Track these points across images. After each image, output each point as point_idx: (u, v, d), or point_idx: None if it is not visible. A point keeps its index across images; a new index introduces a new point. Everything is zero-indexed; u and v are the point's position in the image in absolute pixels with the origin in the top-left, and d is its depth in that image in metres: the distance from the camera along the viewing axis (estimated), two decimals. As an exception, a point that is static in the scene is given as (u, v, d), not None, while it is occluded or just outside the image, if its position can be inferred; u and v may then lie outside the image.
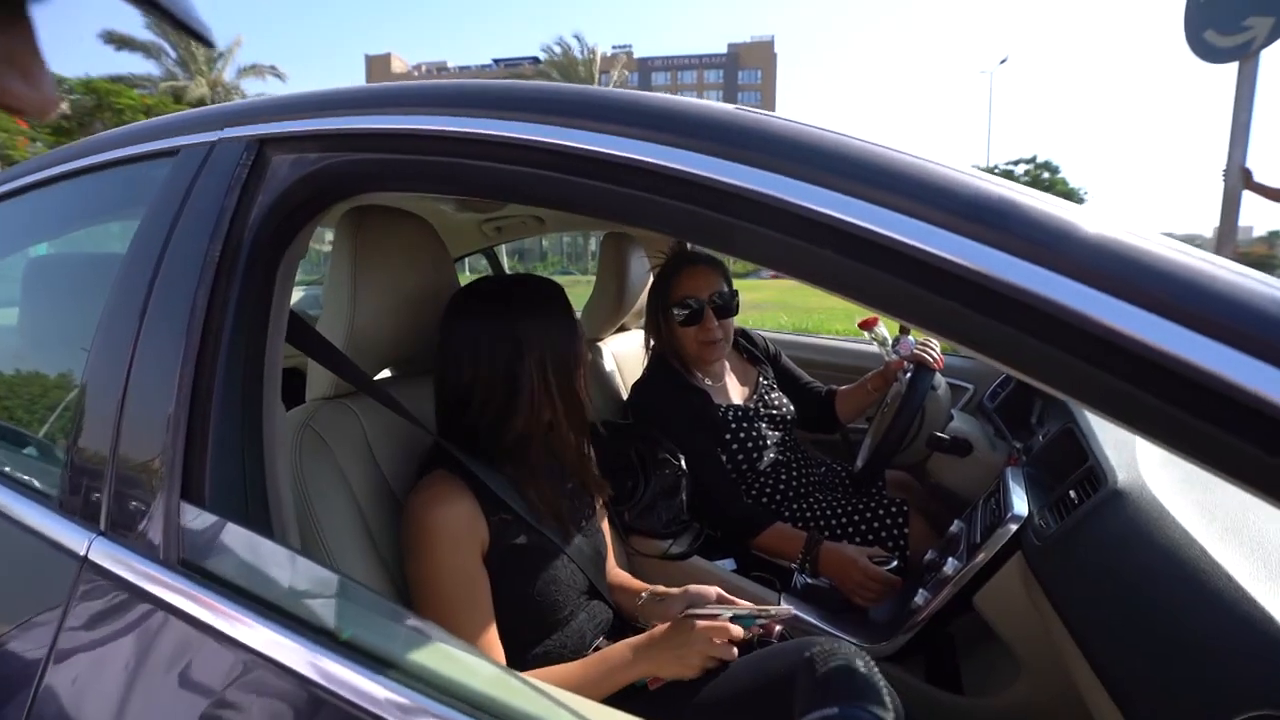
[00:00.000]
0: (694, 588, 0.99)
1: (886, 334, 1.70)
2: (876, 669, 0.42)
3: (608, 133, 0.49)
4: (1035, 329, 0.37)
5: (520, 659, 0.90)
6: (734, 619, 0.89)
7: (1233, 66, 3.62)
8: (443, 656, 0.51)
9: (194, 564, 0.56)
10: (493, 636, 0.84)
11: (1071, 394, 0.37)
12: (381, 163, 0.64)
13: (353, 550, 0.85)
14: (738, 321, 1.64)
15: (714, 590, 0.98)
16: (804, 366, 1.83)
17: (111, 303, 0.70)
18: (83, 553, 0.62)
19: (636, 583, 1.11)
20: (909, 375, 1.49)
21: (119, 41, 23.71)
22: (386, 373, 1.23)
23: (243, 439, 0.63)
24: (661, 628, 0.87)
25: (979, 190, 0.39)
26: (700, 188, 0.44)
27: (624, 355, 1.77)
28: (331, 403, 0.95)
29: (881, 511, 1.44)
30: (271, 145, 0.71)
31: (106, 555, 0.60)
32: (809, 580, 1.30)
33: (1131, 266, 0.35)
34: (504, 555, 0.88)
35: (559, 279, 1.04)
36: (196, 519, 0.57)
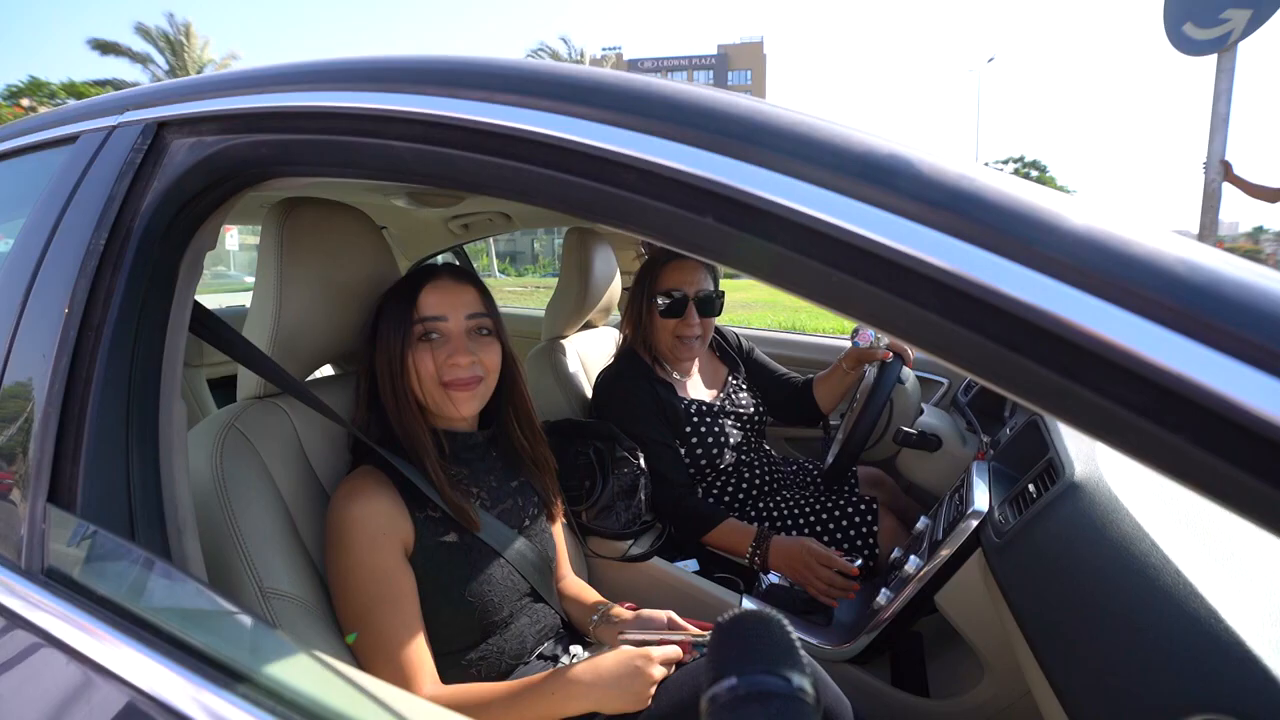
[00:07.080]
0: (646, 613, 0.97)
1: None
2: (790, 629, 0.36)
3: (496, 102, 0.46)
4: (941, 307, 0.33)
5: (456, 662, 0.87)
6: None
7: (1212, 59, 3.62)
8: (350, 699, 0.46)
9: (61, 575, 0.52)
10: (416, 639, 0.80)
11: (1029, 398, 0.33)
12: (277, 144, 0.59)
13: (276, 557, 0.80)
14: (722, 320, 1.60)
15: (665, 615, 0.95)
16: (791, 365, 1.79)
17: (-7, 296, 0.65)
18: None
19: (592, 597, 1.07)
20: (875, 367, 1.46)
21: (104, 47, 23.53)
22: (328, 369, 1.19)
23: (129, 441, 0.58)
24: (606, 659, 0.81)
25: (869, 147, 0.35)
26: (591, 159, 0.40)
27: (589, 354, 1.72)
28: (261, 402, 0.91)
29: (850, 509, 1.40)
30: (170, 128, 0.67)
31: (-31, 564, 0.55)
32: (774, 580, 1.26)
33: (1091, 248, 0.30)
34: (431, 553, 0.85)
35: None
36: (63, 524, 0.52)
